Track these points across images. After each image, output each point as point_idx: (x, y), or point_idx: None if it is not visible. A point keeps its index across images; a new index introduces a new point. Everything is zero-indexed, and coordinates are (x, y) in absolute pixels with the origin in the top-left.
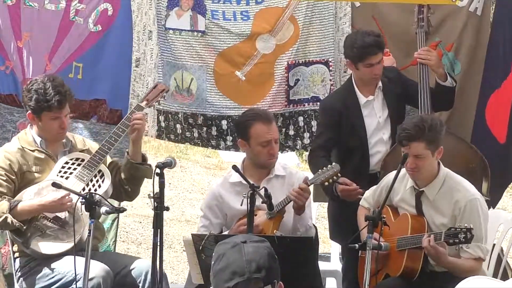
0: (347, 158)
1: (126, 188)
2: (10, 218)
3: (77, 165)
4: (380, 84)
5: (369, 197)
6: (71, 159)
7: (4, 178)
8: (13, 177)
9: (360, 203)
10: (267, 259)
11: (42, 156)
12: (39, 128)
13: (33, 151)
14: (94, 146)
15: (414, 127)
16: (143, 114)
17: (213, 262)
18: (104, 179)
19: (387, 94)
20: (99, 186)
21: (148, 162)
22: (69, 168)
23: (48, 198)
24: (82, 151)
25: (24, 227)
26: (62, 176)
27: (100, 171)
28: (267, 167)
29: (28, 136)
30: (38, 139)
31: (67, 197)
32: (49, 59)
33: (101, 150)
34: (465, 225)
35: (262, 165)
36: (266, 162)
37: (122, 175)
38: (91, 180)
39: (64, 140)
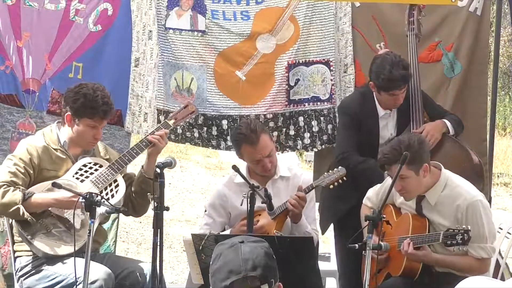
0: None
1: (134, 202)
2: (22, 209)
3: (94, 170)
4: None
5: (372, 197)
6: (89, 163)
7: (22, 171)
8: (31, 171)
9: (364, 202)
10: (264, 258)
11: (63, 156)
12: (73, 131)
13: (55, 150)
14: (114, 157)
15: (392, 150)
16: (165, 132)
17: (211, 263)
18: (118, 189)
19: (402, 113)
20: (112, 196)
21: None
22: (86, 171)
23: (64, 194)
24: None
25: (34, 220)
26: (78, 178)
27: (116, 180)
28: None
29: (53, 134)
30: (63, 139)
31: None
32: (49, 59)
33: (120, 160)
34: (463, 226)
35: (261, 175)
36: (263, 174)
37: (133, 188)
38: (106, 188)
39: None
